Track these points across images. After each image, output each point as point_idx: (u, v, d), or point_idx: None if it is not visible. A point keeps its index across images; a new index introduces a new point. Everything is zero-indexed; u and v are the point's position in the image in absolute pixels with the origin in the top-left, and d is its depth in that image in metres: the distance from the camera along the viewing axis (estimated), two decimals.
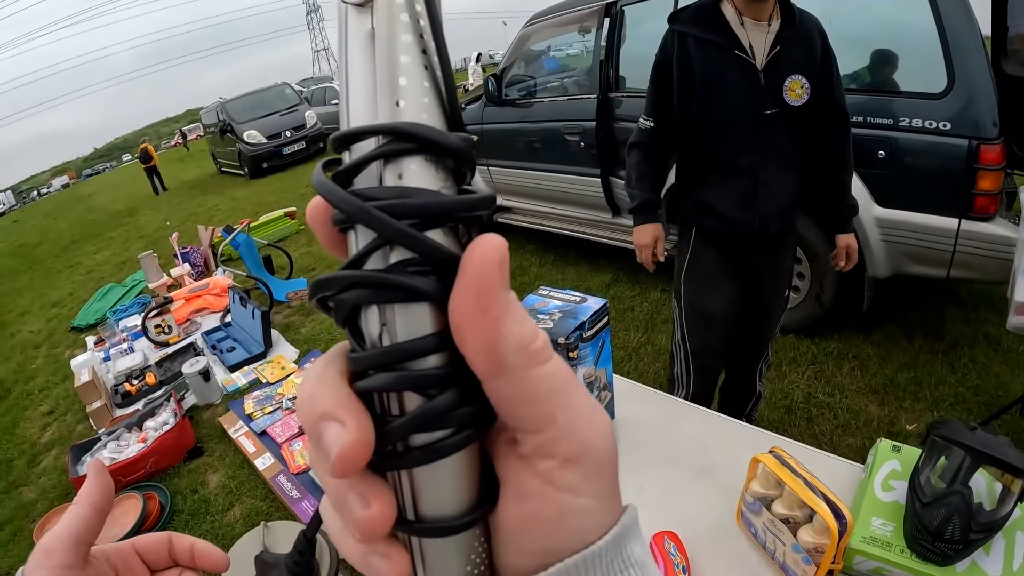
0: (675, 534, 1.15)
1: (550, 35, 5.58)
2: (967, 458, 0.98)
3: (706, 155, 2.15)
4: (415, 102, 0.24)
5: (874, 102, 2.92)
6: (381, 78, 0.24)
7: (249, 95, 17.10)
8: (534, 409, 0.25)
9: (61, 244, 14.37)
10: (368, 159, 0.24)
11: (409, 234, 0.23)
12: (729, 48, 1.96)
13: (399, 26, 0.24)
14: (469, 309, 0.23)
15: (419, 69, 0.25)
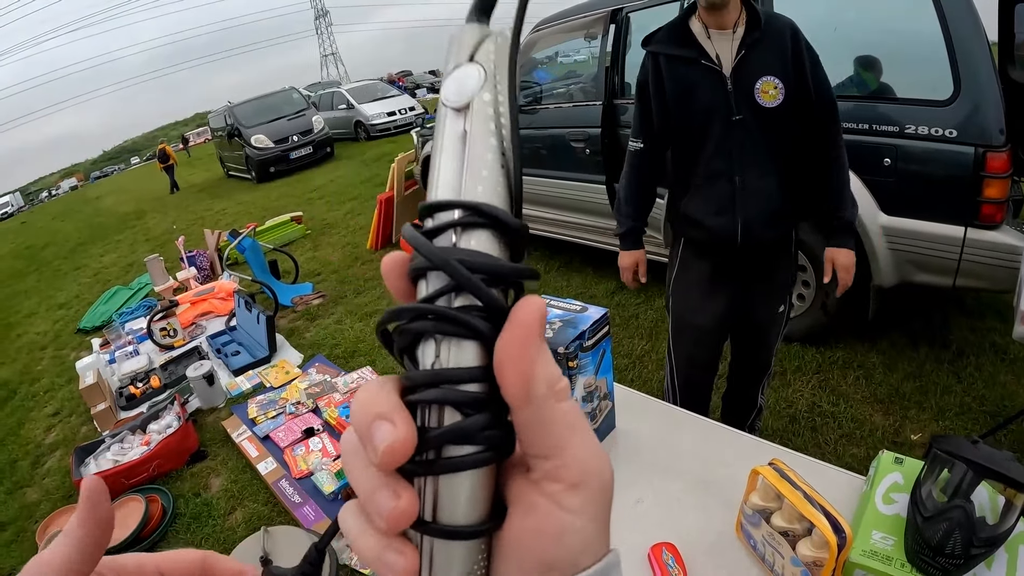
0: (673, 545, 1.14)
1: (556, 41, 5.59)
2: (969, 472, 0.97)
3: (685, 166, 2.16)
4: (492, 190, 0.30)
5: (880, 109, 2.92)
6: (470, 167, 0.31)
7: (257, 99, 17.15)
8: (549, 438, 0.29)
9: (68, 246, 14.44)
10: (450, 224, 0.30)
11: (478, 285, 0.28)
12: (696, 59, 2.00)
13: (488, 131, 0.31)
14: (514, 350, 0.28)
15: (498, 165, 0.31)
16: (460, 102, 0.32)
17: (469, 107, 0.31)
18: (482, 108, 0.31)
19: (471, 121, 0.31)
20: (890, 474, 1.15)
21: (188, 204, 15.62)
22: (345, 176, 12.78)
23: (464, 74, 0.32)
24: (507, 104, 0.32)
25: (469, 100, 0.31)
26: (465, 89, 0.32)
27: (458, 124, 0.31)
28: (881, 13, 3.09)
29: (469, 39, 0.33)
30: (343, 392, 3.96)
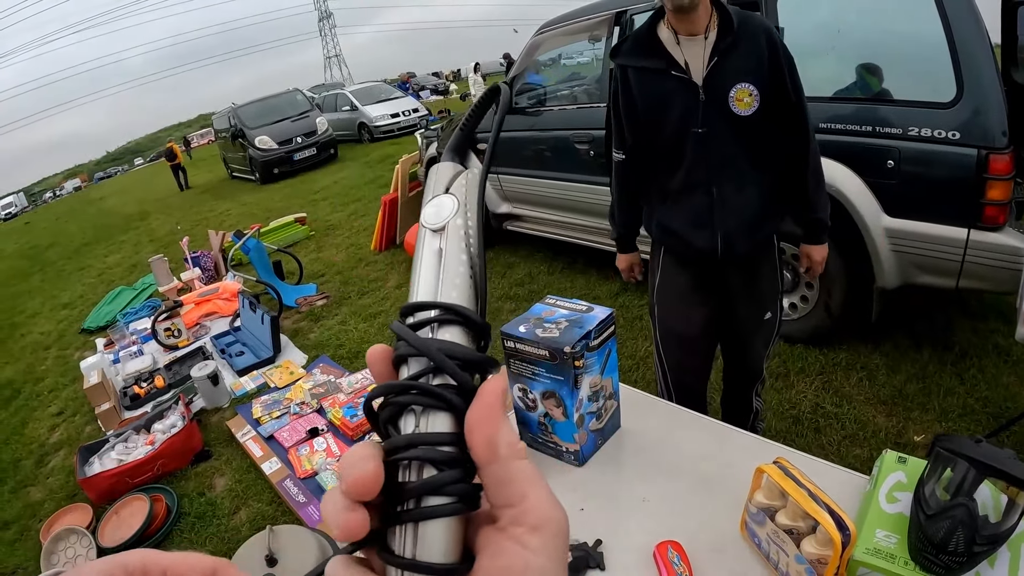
0: (679, 543, 1.15)
1: (560, 44, 5.59)
2: (972, 470, 0.98)
3: (661, 177, 2.13)
4: (463, 294, 0.38)
5: (882, 111, 2.92)
6: (445, 276, 0.38)
7: (261, 101, 17.17)
8: (512, 488, 0.34)
9: (72, 247, 14.47)
10: (429, 321, 0.37)
11: (454, 369, 0.35)
12: (665, 70, 1.93)
13: (459, 248, 0.39)
14: (483, 418, 0.34)
15: (467, 275, 0.39)
16: (437, 225, 0.40)
17: (444, 229, 0.40)
18: (455, 230, 0.40)
19: (446, 240, 0.39)
20: (893, 473, 1.16)
21: (192, 205, 15.66)
22: (349, 178, 12.80)
23: (441, 203, 0.41)
24: (475, 227, 0.40)
25: (444, 224, 0.40)
26: (442, 214, 0.40)
27: (435, 242, 0.40)
28: (884, 16, 3.09)
29: (446, 174, 0.43)
30: (347, 393, 3.97)
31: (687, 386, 2.48)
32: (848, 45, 3.18)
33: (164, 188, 22.16)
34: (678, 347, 2.39)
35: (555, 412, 1.39)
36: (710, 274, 2.20)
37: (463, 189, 0.42)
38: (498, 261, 5.93)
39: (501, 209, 5.74)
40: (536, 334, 1.34)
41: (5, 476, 4.30)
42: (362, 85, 21.93)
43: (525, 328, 1.37)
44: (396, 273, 6.26)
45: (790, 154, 2.07)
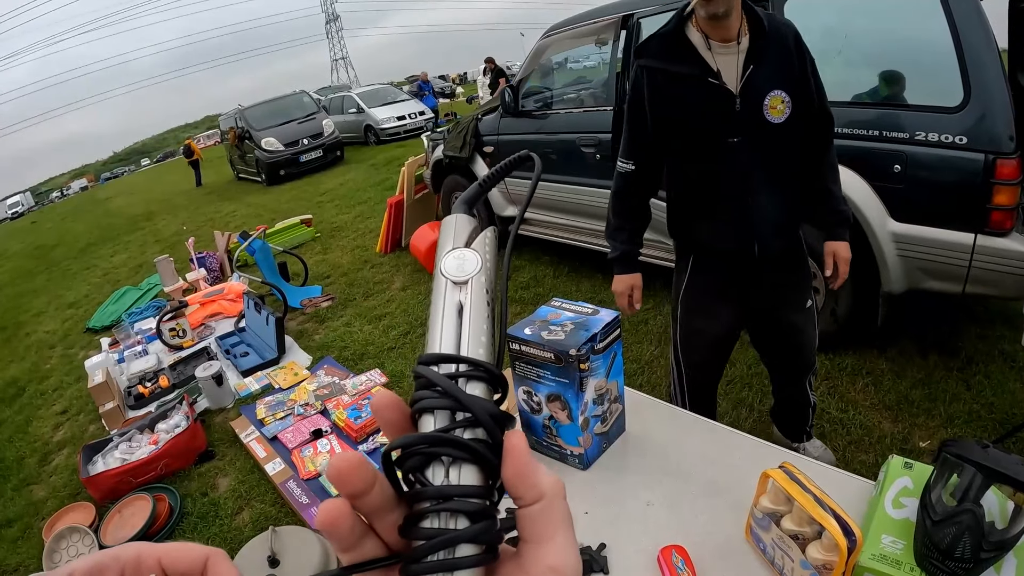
0: (683, 548, 1.15)
1: (567, 47, 5.60)
2: (979, 476, 0.97)
3: (692, 188, 2.10)
4: (488, 351, 0.38)
5: (889, 116, 2.91)
6: (472, 332, 0.38)
7: (267, 102, 17.20)
8: (548, 525, 0.35)
9: (78, 246, 14.51)
10: (458, 375, 0.37)
11: (494, 427, 0.35)
12: (701, 77, 1.87)
13: (483, 305, 0.39)
14: (522, 467, 0.35)
15: (490, 333, 0.39)
16: (461, 279, 0.40)
17: (468, 284, 0.40)
18: (479, 288, 0.40)
19: (469, 296, 0.40)
20: (900, 478, 1.15)
21: (198, 206, 15.68)
22: (355, 180, 12.81)
23: (464, 256, 0.42)
24: (499, 289, 0.42)
25: (468, 279, 0.40)
26: (465, 268, 0.41)
27: (455, 295, 0.40)
28: (891, 20, 3.08)
29: (464, 227, 0.43)
30: (351, 394, 3.97)
31: (702, 385, 2.48)
32: (855, 49, 3.17)
33: (170, 189, 22.22)
34: (703, 348, 2.37)
35: (560, 415, 1.38)
36: (743, 275, 2.19)
37: (487, 247, 0.42)
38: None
39: (507, 212, 5.74)
40: (542, 337, 1.34)
41: (9, 474, 4.31)
42: (369, 87, 21.94)
43: (531, 331, 1.37)
44: (401, 275, 6.26)
45: (813, 154, 2.08)
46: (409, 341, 4.76)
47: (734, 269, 2.18)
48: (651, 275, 4.83)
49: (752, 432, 1.52)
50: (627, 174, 2.17)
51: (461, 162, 5.90)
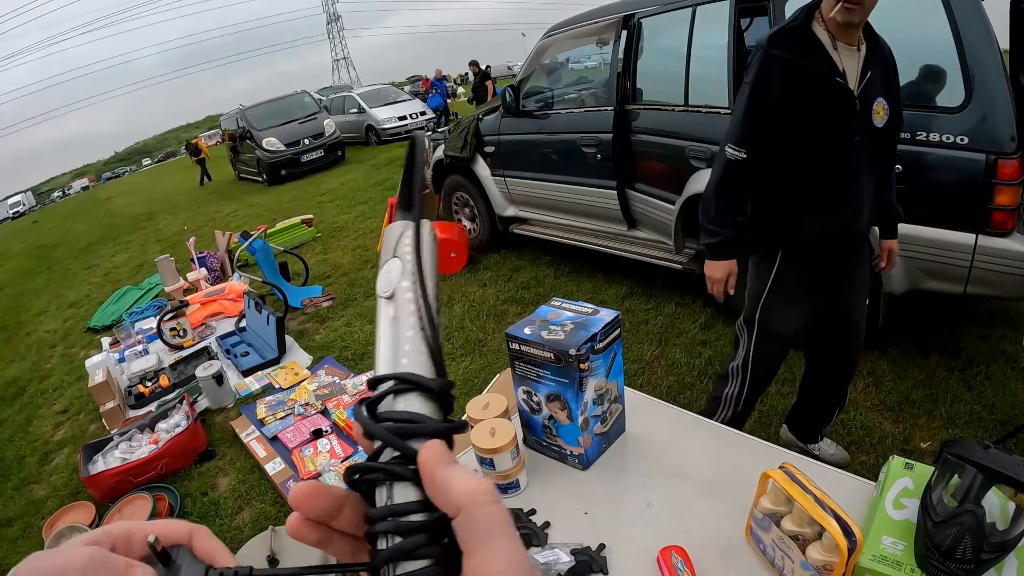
0: (683, 549, 1.14)
1: (568, 47, 5.60)
2: (980, 477, 0.97)
3: (807, 183, 2.10)
4: (415, 360, 0.39)
5: None
6: (399, 344, 0.39)
7: (269, 103, 17.20)
8: (472, 537, 0.34)
9: (79, 246, 14.50)
10: (387, 392, 0.38)
11: (401, 444, 0.36)
12: (829, 75, 1.93)
13: (409, 312, 0.39)
14: (430, 481, 0.35)
15: (420, 339, 0.39)
16: (388, 292, 0.41)
17: (394, 295, 0.40)
18: (403, 294, 0.40)
19: (396, 307, 0.40)
20: (900, 479, 1.15)
21: (199, 206, 15.68)
22: (356, 180, 12.81)
23: (389, 268, 0.41)
24: (423, 284, 0.40)
25: (393, 290, 0.40)
26: (391, 280, 0.41)
27: (389, 310, 0.40)
28: (892, 20, 3.07)
29: (394, 235, 0.42)
30: (352, 394, 3.96)
31: (761, 388, 2.52)
32: None
33: (172, 188, 22.24)
34: (775, 351, 2.40)
35: (560, 415, 1.38)
36: (824, 274, 2.25)
37: (407, 247, 0.41)
38: (504, 264, 5.93)
39: (507, 212, 5.74)
40: (541, 336, 1.33)
41: (9, 473, 4.30)
42: (370, 88, 21.96)
43: (530, 330, 1.37)
44: None
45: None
46: None
47: (825, 266, 2.24)
48: (651, 275, 4.84)
49: (752, 433, 1.52)
50: (738, 162, 2.12)
51: (462, 162, 5.90)
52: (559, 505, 1.34)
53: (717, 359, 3.72)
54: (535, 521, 1.30)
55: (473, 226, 6.41)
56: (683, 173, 3.74)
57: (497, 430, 1.37)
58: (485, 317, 4.90)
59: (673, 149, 3.84)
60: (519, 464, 1.38)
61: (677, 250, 4.08)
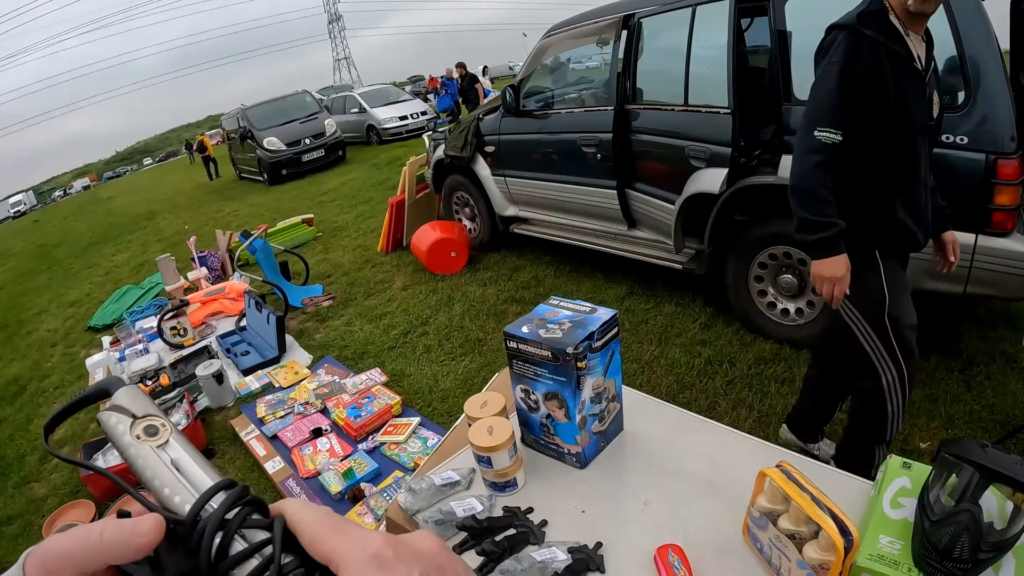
0: (680, 547, 1.14)
1: (568, 47, 5.60)
2: (977, 476, 0.97)
3: (890, 171, 2.07)
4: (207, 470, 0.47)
5: None
6: (197, 468, 0.47)
7: (270, 102, 17.20)
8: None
9: (80, 245, 14.52)
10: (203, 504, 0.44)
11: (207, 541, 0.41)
12: (909, 60, 1.94)
13: (181, 444, 0.47)
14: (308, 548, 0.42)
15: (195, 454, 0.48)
16: (160, 442, 0.47)
17: (167, 440, 0.47)
18: (174, 437, 0.47)
19: (174, 447, 0.47)
20: (898, 478, 1.15)
21: (200, 205, 15.69)
22: (357, 179, 12.81)
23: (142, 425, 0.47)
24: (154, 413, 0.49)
25: (167, 438, 0.47)
26: (158, 436, 0.47)
27: (165, 455, 0.46)
28: None
29: (124, 411, 0.48)
30: (352, 393, 3.96)
31: (913, 377, 2.34)
32: None
33: (173, 188, 22.25)
34: (909, 336, 2.26)
35: (557, 414, 1.38)
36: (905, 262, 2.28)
37: (136, 409, 0.48)
38: (504, 264, 5.93)
39: (508, 212, 5.74)
40: (539, 335, 1.33)
41: (9, 471, 4.30)
42: (371, 87, 21.95)
43: (528, 329, 1.37)
44: (402, 275, 6.26)
45: None
46: (409, 341, 4.76)
47: (903, 257, 2.26)
48: (651, 275, 4.84)
49: (751, 432, 1.52)
50: (834, 145, 2.00)
51: (462, 162, 5.90)
52: (556, 503, 1.34)
53: (717, 359, 3.72)
54: (532, 519, 1.30)
55: (473, 226, 6.42)
56: (683, 173, 3.74)
57: (495, 428, 1.37)
58: (485, 316, 4.90)
59: (673, 149, 3.84)
60: (517, 462, 1.38)
61: (677, 250, 4.08)
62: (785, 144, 3.27)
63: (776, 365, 3.54)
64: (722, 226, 3.78)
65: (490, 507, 1.34)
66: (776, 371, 3.49)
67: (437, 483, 1.41)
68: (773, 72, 3.34)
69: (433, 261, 5.93)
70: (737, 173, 3.39)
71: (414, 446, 3.37)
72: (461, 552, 1.25)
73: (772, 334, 3.76)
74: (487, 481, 1.40)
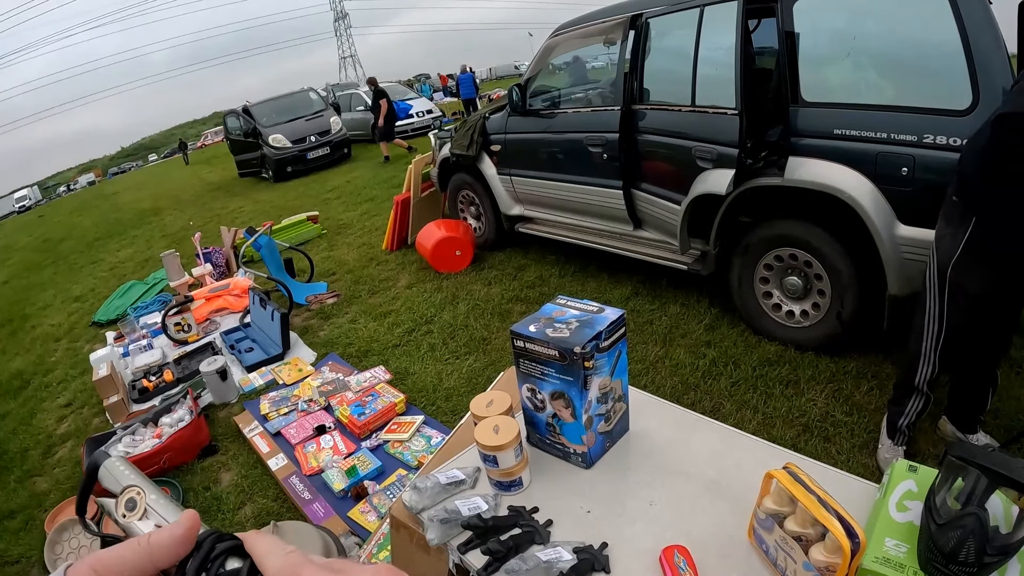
0: (685, 548, 1.14)
1: (575, 47, 5.59)
2: (983, 479, 0.97)
3: None
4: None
5: (898, 119, 2.89)
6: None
7: (275, 99, 17.20)
8: None
9: (85, 240, 14.54)
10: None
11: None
12: None
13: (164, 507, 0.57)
14: None
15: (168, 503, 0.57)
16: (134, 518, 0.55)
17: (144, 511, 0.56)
18: (152, 503, 0.56)
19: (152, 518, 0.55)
20: (904, 481, 1.15)
21: (205, 202, 15.71)
22: (362, 177, 12.82)
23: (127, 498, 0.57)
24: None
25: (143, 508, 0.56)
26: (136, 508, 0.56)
27: (147, 527, 0.55)
28: (900, 23, 3.07)
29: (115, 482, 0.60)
30: (355, 391, 3.97)
31: (954, 345, 2.55)
32: (863, 52, 3.16)
33: (178, 184, 22.26)
34: (965, 306, 2.43)
35: (564, 413, 1.38)
36: None
37: (124, 479, 0.59)
38: (509, 263, 5.93)
39: (513, 211, 5.74)
40: (546, 334, 1.33)
41: (12, 466, 4.31)
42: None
43: (535, 328, 1.37)
44: (407, 273, 6.26)
45: None
46: (413, 339, 4.76)
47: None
48: (656, 275, 4.84)
49: (756, 433, 1.52)
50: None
51: (468, 160, 5.90)
52: (562, 503, 1.34)
53: (721, 360, 3.72)
54: (538, 519, 1.30)
55: (478, 224, 6.42)
56: (689, 174, 3.73)
57: (501, 427, 1.37)
58: (490, 315, 4.90)
59: (680, 149, 3.83)
60: (522, 462, 1.38)
61: (682, 251, 4.07)
62: (792, 146, 3.27)
63: (781, 367, 3.54)
64: (728, 227, 3.78)
65: (495, 506, 1.34)
66: (781, 373, 3.49)
67: (442, 481, 1.41)
68: (780, 73, 3.33)
69: (438, 259, 5.93)
70: (744, 174, 3.38)
71: (418, 444, 3.37)
72: (466, 551, 1.25)
73: (777, 336, 3.75)
74: (492, 480, 1.40)
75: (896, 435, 2.74)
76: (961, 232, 2.28)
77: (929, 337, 2.51)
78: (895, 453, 2.75)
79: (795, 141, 3.25)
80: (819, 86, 3.24)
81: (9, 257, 16.18)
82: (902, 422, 2.71)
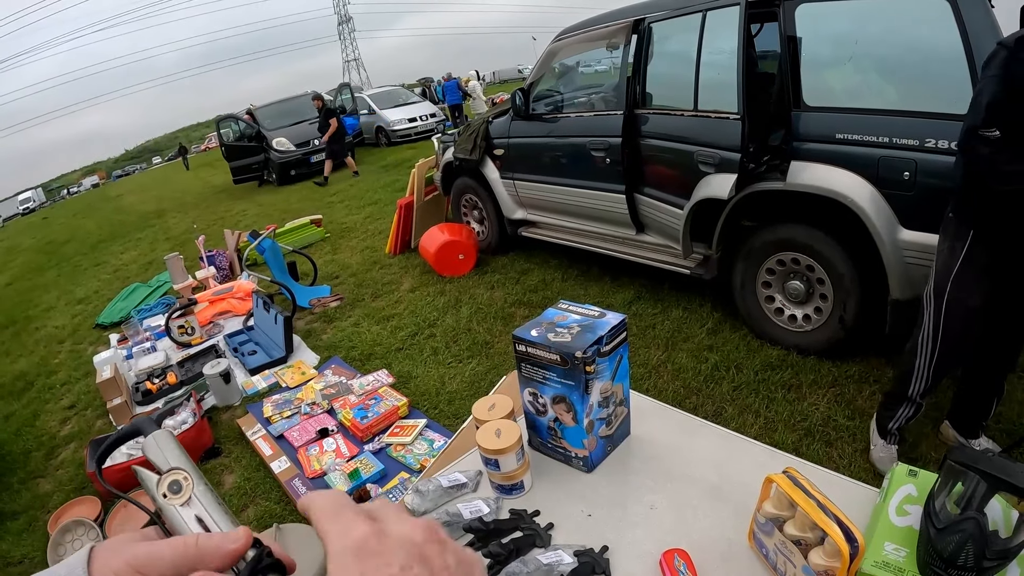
0: (685, 552, 1.15)
1: (578, 51, 5.60)
2: (983, 484, 0.97)
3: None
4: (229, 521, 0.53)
5: (899, 123, 2.90)
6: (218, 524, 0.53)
7: (279, 103, 17.23)
8: None
9: (89, 243, 14.57)
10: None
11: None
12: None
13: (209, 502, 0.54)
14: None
15: (221, 506, 0.55)
16: (181, 500, 0.52)
17: (189, 497, 0.53)
18: (198, 492, 0.54)
19: (197, 505, 0.53)
20: (904, 486, 1.15)
21: (209, 204, 15.73)
22: (365, 181, 12.84)
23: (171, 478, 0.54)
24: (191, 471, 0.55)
25: (188, 496, 0.53)
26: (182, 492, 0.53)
27: (189, 512, 0.52)
28: (902, 27, 3.08)
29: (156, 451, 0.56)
30: (358, 394, 3.97)
31: (952, 360, 2.61)
32: (866, 56, 3.17)
33: (182, 187, 22.28)
34: (963, 320, 2.47)
35: (565, 417, 1.38)
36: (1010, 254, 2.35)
37: (168, 457, 0.56)
38: (512, 267, 5.94)
39: (516, 215, 5.75)
40: (548, 338, 1.34)
41: (15, 467, 4.32)
42: (380, 89, 21.98)
43: (537, 332, 1.37)
44: (410, 277, 6.27)
45: None
46: (416, 342, 4.77)
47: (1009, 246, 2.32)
48: (659, 279, 4.84)
49: (757, 438, 1.52)
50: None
51: (471, 164, 5.91)
52: (563, 507, 1.34)
53: (724, 364, 3.72)
54: (539, 522, 1.30)
55: (482, 228, 6.43)
56: (692, 178, 3.74)
57: (502, 431, 1.37)
58: (492, 319, 4.90)
59: (682, 154, 3.84)
60: (524, 465, 1.39)
61: (685, 255, 4.08)
62: (794, 150, 3.27)
63: (783, 371, 3.54)
64: (730, 231, 3.78)
65: (496, 509, 1.35)
66: (783, 377, 3.49)
67: (444, 485, 1.42)
68: (782, 78, 3.34)
69: (441, 263, 5.93)
70: (746, 178, 3.39)
71: (420, 448, 3.38)
72: None
73: (779, 340, 3.75)
74: (494, 483, 1.40)
75: (887, 436, 2.77)
76: (959, 245, 2.32)
77: (923, 353, 2.55)
78: (888, 451, 2.76)
79: (797, 145, 3.26)
80: (821, 90, 3.25)
81: (13, 259, 16.23)
82: (892, 425, 2.74)
